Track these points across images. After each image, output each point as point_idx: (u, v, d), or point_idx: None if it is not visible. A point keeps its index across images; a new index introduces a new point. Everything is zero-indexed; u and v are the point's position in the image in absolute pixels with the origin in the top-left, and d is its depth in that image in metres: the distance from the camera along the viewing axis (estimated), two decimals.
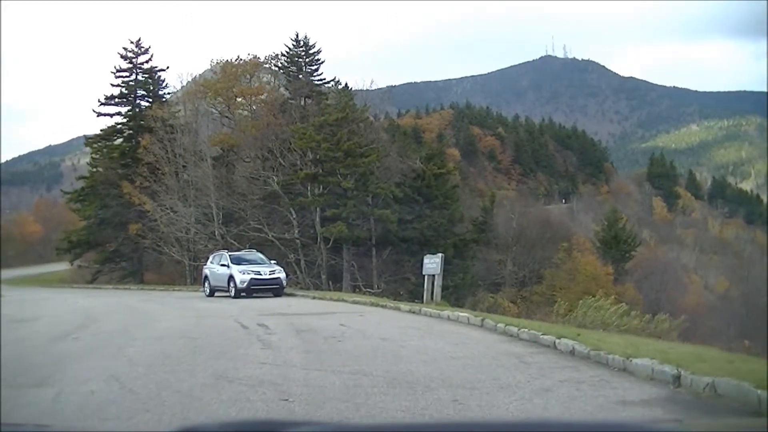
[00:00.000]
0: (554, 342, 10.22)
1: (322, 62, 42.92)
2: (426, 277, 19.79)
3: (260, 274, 24.73)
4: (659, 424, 2.98)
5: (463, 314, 14.54)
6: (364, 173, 34.83)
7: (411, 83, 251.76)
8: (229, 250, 29.26)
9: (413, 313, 16.79)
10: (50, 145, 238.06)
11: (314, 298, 23.58)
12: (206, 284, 26.81)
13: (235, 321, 14.33)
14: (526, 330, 11.41)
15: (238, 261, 25.63)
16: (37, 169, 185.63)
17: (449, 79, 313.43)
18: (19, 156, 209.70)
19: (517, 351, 9.86)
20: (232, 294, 24.36)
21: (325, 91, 42.12)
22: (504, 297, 43.78)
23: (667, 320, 27.02)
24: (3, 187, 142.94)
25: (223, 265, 25.75)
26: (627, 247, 61.89)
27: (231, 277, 24.66)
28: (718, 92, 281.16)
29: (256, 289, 24.51)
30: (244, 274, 24.51)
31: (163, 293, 30.53)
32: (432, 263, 19.36)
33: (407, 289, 34.35)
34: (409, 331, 12.40)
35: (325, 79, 43.05)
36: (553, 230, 52.30)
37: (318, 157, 35.54)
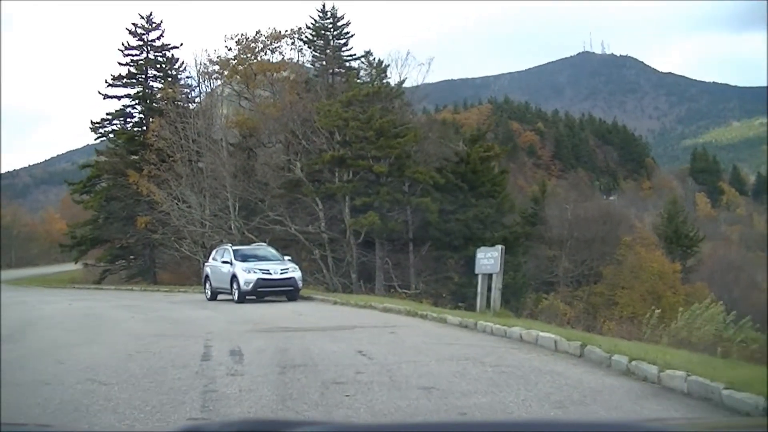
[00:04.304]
0: (759, 406, 5.25)
1: (352, 35, 38.35)
2: (480, 276, 14.79)
3: (269, 274, 19.91)
4: (659, 423, 2.67)
5: (545, 335, 9.46)
6: (399, 156, 29.99)
7: (448, 80, 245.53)
8: (244, 244, 24.76)
9: (466, 327, 11.93)
10: (88, 145, 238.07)
11: (335, 303, 18.71)
12: (207, 285, 22.02)
13: (203, 344, 9.63)
14: (682, 374, 6.38)
15: (243, 257, 20.79)
16: (75, 168, 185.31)
17: (486, 76, 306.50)
18: (58, 155, 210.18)
19: None
20: (236, 298, 19.74)
21: (355, 67, 37.49)
22: (558, 298, 38.79)
23: None
24: (42, 186, 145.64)
25: (225, 261, 21.05)
26: (690, 242, 56.59)
27: (234, 277, 20.01)
28: (760, 87, 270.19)
29: (265, 291, 19.89)
30: (249, 273, 19.75)
31: (163, 295, 25.99)
32: (488, 259, 14.34)
33: (449, 290, 29.72)
34: (467, 369, 7.47)
35: (355, 54, 38.39)
36: (613, 223, 46.67)
37: (346, 137, 30.74)
